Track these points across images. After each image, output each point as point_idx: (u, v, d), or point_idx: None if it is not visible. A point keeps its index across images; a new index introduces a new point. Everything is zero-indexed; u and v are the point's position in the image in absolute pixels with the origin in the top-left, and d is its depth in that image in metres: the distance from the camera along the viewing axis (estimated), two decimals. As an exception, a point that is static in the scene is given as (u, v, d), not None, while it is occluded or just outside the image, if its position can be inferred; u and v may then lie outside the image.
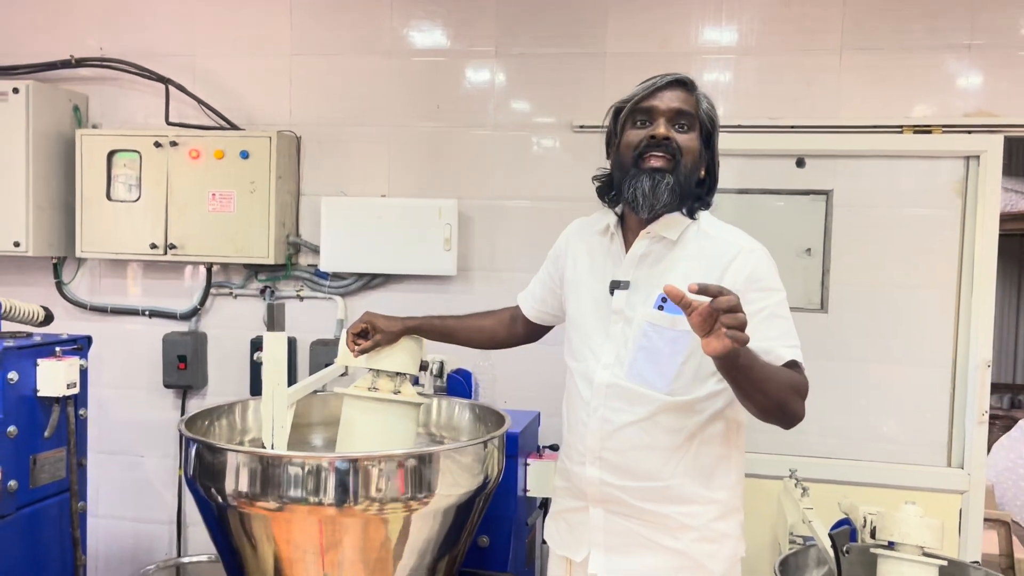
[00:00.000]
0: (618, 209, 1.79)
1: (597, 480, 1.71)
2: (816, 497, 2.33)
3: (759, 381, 1.50)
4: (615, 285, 1.71)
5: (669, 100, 1.66)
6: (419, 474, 1.70)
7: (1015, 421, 5.82)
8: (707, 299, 1.35)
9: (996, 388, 7.59)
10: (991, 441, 5.80)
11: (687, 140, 1.67)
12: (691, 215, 1.73)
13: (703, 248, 1.68)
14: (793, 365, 1.61)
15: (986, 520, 3.55)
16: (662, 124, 1.65)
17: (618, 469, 1.69)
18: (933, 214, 2.77)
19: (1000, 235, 2.74)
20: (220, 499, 1.70)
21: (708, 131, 1.71)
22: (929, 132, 2.73)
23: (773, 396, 1.52)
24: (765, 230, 2.79)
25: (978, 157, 2.71)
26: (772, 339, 1.58)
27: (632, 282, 1.70)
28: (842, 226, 2.82)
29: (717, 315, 1.35)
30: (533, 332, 2.09)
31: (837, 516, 2.28)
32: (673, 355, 1.64)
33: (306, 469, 1.63)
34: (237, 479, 1.67)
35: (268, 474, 1.65)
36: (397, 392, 1.94)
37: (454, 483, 1.76)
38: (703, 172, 1.73)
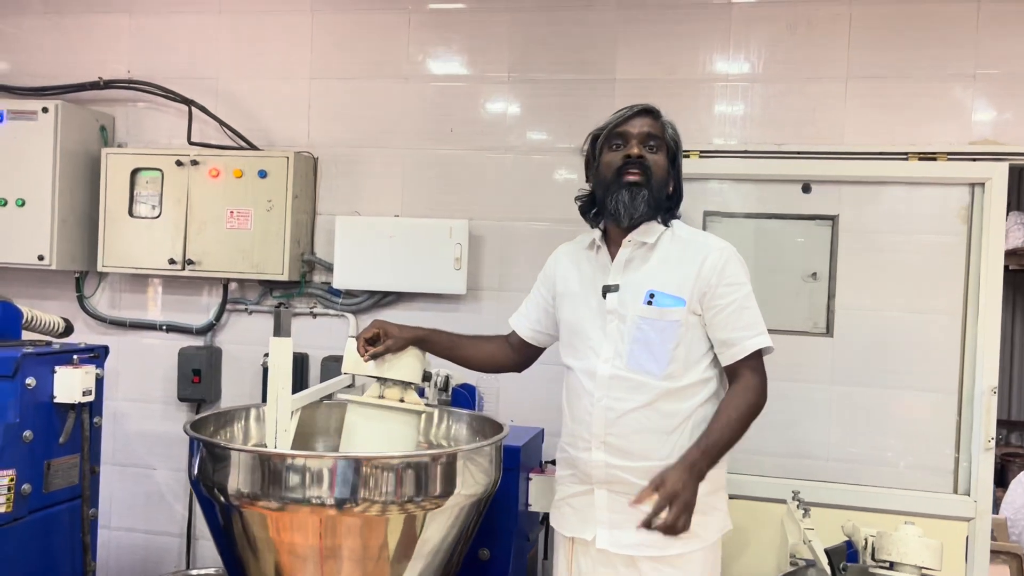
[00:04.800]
0: (601, 225, 2.01)
1: (603, 463, 1.89)
2: (820, 521, 2.33)
3: (728, 446, 1.83)
4: (607, 289, 1.94)
5: (639, 126, 1.93)
6: (416, 477, 1.74)
7: (1034, 459, 5.73)
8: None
9: (1016, 426, 7.45)
10: (1011, 479, 5.71)
11: (656, 159, 1.93)
12: (664, 224, 1.97)
13: (679, 250, 1.93)
14: (756, 355, 1.87)
15: (999, 553, 3.51)
16: (635, 145, 1.91)
17: (621, 451, 1.88)
18: (938, 240, 2.79)
19: (1014, 271, 2.74)
20: (223, 499, 1.74)
21: (673, 152, 1.98)
22: (934, 159, 2.76)
23: (741, 434, 1.85)
24: (772, 254, 2.87)
25: (983, 185, 2.73)
26: (740, 329, 1.86)
27: (621, 285, 1.93)
28: (848, 251, 2.84)
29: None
30: (527, 357, 2.23)
31: (841, 539, 2.27)
32: (664, 343, 1.87)
33: (307, 469, 1.68)
34: (239, 478, 1.71)
35: (269, 474, 1.69)
36: (400, 400, 1.98)
37: (458, 486, 1.80)
38: (671, 188, 1.98)
